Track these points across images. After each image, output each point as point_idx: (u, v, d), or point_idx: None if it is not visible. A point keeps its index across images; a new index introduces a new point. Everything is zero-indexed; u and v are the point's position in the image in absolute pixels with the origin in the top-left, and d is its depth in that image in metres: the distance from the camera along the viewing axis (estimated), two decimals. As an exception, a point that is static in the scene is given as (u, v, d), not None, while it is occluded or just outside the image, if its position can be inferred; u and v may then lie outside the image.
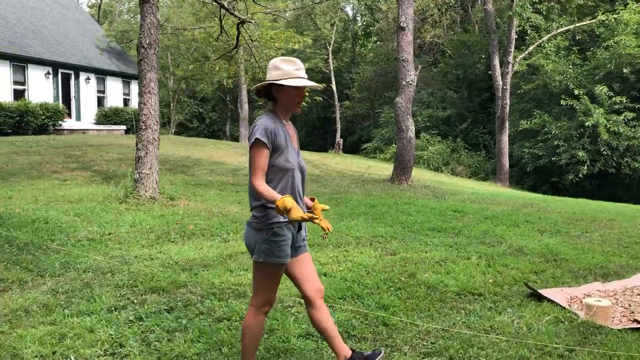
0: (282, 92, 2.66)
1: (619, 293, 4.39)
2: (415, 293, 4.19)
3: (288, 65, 2.67)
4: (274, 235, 2.56)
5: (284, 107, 2.69)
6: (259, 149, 2.54)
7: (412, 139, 12.50)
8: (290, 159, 2.64)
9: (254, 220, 2.61)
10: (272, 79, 2.65)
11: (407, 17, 12.22)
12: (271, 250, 2.57)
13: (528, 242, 6.47)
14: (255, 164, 2.55)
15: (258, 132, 2.54)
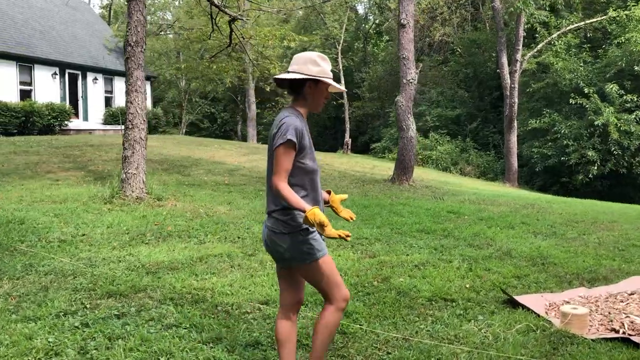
0: (316, 90, 2.57)
1: (601, 300, 4.16)
2: (383, 299, 4.00)
3: (326, 63, 2.58)
4: (308, 233, 2.46)
5: (310, 105, 2.59)
6: (288, 149, 2.42)
7: (412, 139, 12.26)
8: (314, 160, 2.57)
9: (281, 225, 2.47)
10: (313, 75, 2.53)
11: (407, 14, 12.00)
12: (313, 247, 2.46)
13: (519, 244, 6.24)
14: (281, 165, 2.42)
15: (290, 133, 2.42)
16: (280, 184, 2.39)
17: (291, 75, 2.55)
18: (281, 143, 2.41)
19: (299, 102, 2.58)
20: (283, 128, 2.42)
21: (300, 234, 2.44)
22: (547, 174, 19.51)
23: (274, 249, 2.51)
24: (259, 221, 6.79)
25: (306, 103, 2.58)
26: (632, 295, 4.27)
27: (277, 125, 2.47)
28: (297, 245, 2.43)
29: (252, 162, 14.08)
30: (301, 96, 2.57)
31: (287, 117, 2.46)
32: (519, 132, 20.07)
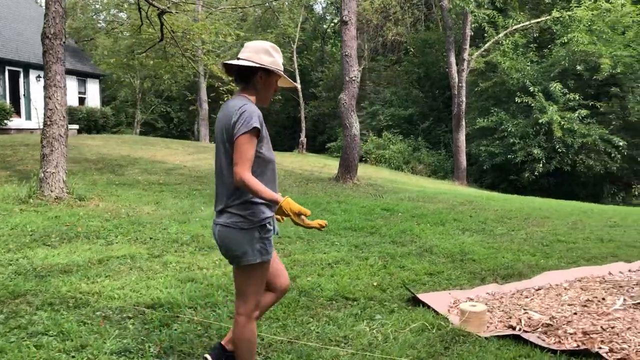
0: (267, 81, 2.48)
1: (507, 296, 4.07)
2: (282, 299, 3.81)
3: (278, 55, 2.50)
4: (267, 232, 2.37)
5: (260, 96, 2.48)
6: (252, 138, 2.30)
7: (356, 137, 12.16)
8: (271, 149, 2.46)
9: (239, 220, 2.34)
10: (266, 65, 2.43)
11: (349, 11, 11.88)
12: (265, 249, 2.37)
13: (443, 241, 6.16)
14: (245, 154, 2.27)
15: (254, 120, 2.29)
16: (245, 175, 2.25)
17: (244, 63, 2.43)
18: (245, 132, 2.27)
19: (249, 92, 2.46)
20: (246, 116, 2.29)
21: (258, 231, 2.34)
22: (496, 171, 19.74)
23: (228, 246, 2.37)
24: (180, 221, 6.53)
25: (255, 93, 2.47)
26: (538, 291, 4.20)
27: (236, 113, 2.31)
28: (252, 241, 2.32)
29: (195, 161, 13.75)
30: (250, 85, 2.46)
31: (246, 105, 2.33)
32: (468, 130, 20.25)
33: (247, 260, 2.34)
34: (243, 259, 2.35)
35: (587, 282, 4.49)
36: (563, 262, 5.46)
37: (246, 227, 2.32)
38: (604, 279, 4.63)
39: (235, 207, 2.34)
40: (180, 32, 11.47)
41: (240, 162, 2.26)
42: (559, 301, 3.90)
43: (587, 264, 5.44)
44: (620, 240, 6.80)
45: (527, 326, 3.42)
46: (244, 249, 2.33)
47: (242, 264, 2.37)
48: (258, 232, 2.33)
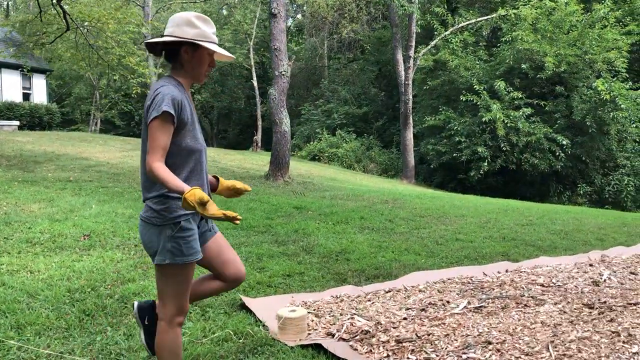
0: (195, 55, 2.21)
1: (348, 299, 3.76)
2: (97, 305, 3.42)
3: (205, 25, 2.22)
4: (181, 231, 2.14)
5: (191, 74, 2.23)
6: (164, 123, 2.07)
7: (286, 133, 11.80)
8: (198, 138, 2.23)
9: (153, 215, 2.15)
10: (188, 37, 2.17)
11: (278, 4, 11.52)
12: (179, 249, 2.14)
13: (331, 240, 5.85)
14: (156, 141, 2.06)
15: (165, 104, 2.06)
16: (154, 164, 2.04)
17: (165, 39, 2.19)
18: (155, 116, 2.06)
19: (177, 71, 2.23)
20: (158, 99, 2.07)
21: (171, 229, 2.13)
22: (445, 170, 19.63)
23: (144, 241, 2.21)
24: (55, 219, 6.09)
25: (185, 72, 2.22)
26: (388, 293, 3.91)
27: (150, 97, 2.11)
28: (163, 240, 2.13)
29: (124, 158, 13.25)
30: (178, 64, 2.22)
31: (163, 87, 2.11)
32: (418, 129, 20.11)
33: (158, 259, 2.16)
34: (155, 257, 2.17)
35: (450, 284, 4.22)
36: (445, 261, 5.19)
37: (158, 223, 2.13)
38: (471, 280, 4.36)
39: (152, 200, 2.15)
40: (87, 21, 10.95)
41: (150, 150, 2.06)
42: (401, 304, 3.61)
43: (470, 263, 5.19)
44: (522, 239, 6.60)
45: (347, 333, 3.11)
46: (155, 247, 2.16)
47: (155, 262, 2.19)
48: (171, 230, 2.12)
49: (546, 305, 3.58)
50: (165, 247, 2.13)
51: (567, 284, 4.18)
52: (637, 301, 3.67)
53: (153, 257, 2.20)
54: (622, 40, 16.78)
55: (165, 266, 2.17)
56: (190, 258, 2.17)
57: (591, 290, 4.01)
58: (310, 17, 26.57)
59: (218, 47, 2.25)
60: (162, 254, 2.14)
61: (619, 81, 16.56)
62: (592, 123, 16.29)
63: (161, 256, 2.15)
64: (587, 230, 7.60)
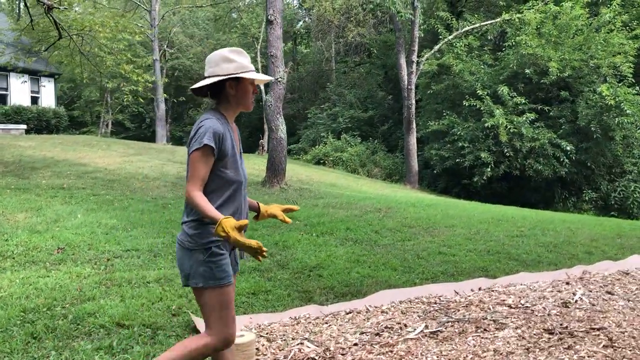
0: (239, 87, 2.34)
1: (305, 321, 3.70)
2: (39, 330, 3.39)
3: (241, 56, 2.35)
4: (212, 256, 2.24)
5: (237, 105, 2.36)
6: (204, 155, 2.21)
7: (282, 140, 11.78)
8: (239, 169, 2.35)
9: (187, 238, 2.26)
10: (229, 73, 2.29)
11: (275, 10, 11.51)
12: (211, 272, 2.23)
13: (309, 254, 5.80)
14: (195, 171, 2.20)
15: (207, 137, 2.20)
16: (193, 192, 2.18)
17: (207, 81, 2.31)
18: (197, 148, 2.20)
19: (223, 104, 2.36)
20: (200, 132, 2.21)
21: (202, 253, 2.23)
22: (449, 175, 19.47)
23: (178, 263, 2.31)
24: (35, 230, 6.11)
25: (231, 105, 2.35)
26: (348, 314, 3.84)
27: (195, 129, 2.26)
28: (195, 264, 2.23)
29: (124, 163, 13.30)
30: (223, 98, 2.35)
31: (206, 120, 2.25)
32: (422, 133, 19.98)
33: (192, 282, 2.26)
34: (188, 280, 2.27)
35: (416, 304, 4.15)
36: (420, 277, 5.12)
37: (190, 247, 2.24)
38: (440, 299, 4.28)
39: (187, 224, 2.27)
40: (77, 29, 10.97)
41: (190, 179, 2.20)
42: (357, 328, 3.54)
43: (447, 279, 5.11)
44: (507, 252, 6.49)
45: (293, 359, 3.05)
46: (187, 270, 2.26)
47: (189, 285, 2.29)
48: (202, 255, 2.23)
49: (506, 329, 3.50)
50: (197, 271, 2.23)
51: (536, 305, 4.08)
52: (601, 326, 3.57)
53: (186, 280, 2.28)
54: (629, 45, 16.52)
55: (201, 290, 2.25)
56: (223, 281, 2.25)
57: (559, 312, 3.92)
58: (317, 20, 26.52)
59: (257, 73, 2.34)
60: (195, 277, 2.24)
61: (626, 86, 16.31)
62: (597, 129, 16.06)
63: (194, 279, 2.24)
64: (577, 242, 7.46)
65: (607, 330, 3.50)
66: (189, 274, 2.25)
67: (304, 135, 26.96)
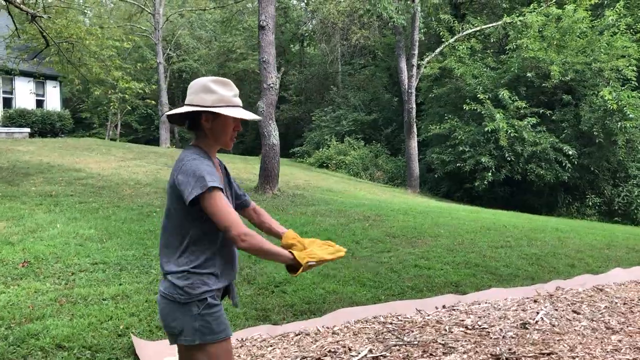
0: (217, 122, 2.11)
1: (250, 344, 3.64)
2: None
3: (223, 88, 2.11)
4: (208, 308, 2.01)
5: (215, 141, 2.13)
6: (217, 194, 1.96)
7: (275, 146, 11.72)
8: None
9: (177, 291, 2.00)
10: (206, 105, 2.07)
11: (267, 16, 11.46)
12: (208, 327, 2.00)
13: (281, 268, 5.69)
14: (224, 213, 1.95)
15: (208, 178, 1.95)
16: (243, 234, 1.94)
17: (180, 110, 2.10)
18: (201, 193, 1.94)
19: (200, 139, 2.13)
20: (197, 176, 1.95)
21: (197, 306, 2.00)
22: (452, 180, 19.31)
23: (164, 319, 2.05)
24: (9, 242, 6.11)
25: (209, 139, 2.13)
26: (297, 336, 3.77)
27: (181, 171, 2.00)
28: (189, 319, 1.99)
29: (120, 169, 13.34)
30: (202, 132, 2.12)
31: (192, 161, 2.01)
32: (423, 137, 19.84)
33: (185, 339, 2.01)
34: (180, 337, 2.02)
35: (372, 324, 4.07)
36: (387, 293, 5.04)
37: (183, 300, 2.00)
38: (398, 318, 4.20)
39: (176, 275, 2.02)
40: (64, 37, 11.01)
41: (228, 223, 1.93)
42: (300, 352, 3.47)
43: (414, 296, 5.03)
44: (486, 265, 6.38)
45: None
46: (180, 326, 2.00)
47: (179, 342, 2.04)
48: (197, 307, 1.99)
49: (453, 354, 3.41)
50: (193, 327, 2.00)
51: (494, 327, 3.98)
52: (553, 350, 3.47)
53: (176, 337, 2.04)
54: (633, 48, 16.25)
55: (197, 347, 2.02)
56: (221, 335, 2.04)
57: (515, 334, 3.81)
58: (321, 23, 26.46)
59: (241, 110, 2.13)
60: (190, 334, 2.01)
61: (630, 90, 16.05)
62: (599, 133, 15.82)
63: (190, 337, 2.01)
64: (562, 254, 7.32)
65: (558, 355, 3.40)
66: (181, 330, 2.01)
67: (308, 138, 26.91)
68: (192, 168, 1.98)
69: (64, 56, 11.37)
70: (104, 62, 13.19)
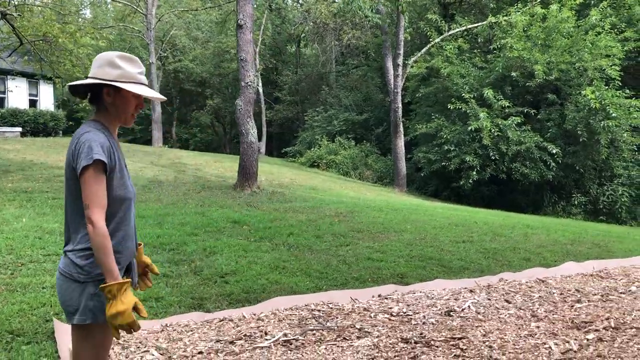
0: (118, 97, 2.10)
1: (182, 326, 3.73)
2: None
3: (129, 64, 2.12)
4: None
5: (115, 116, 2.12)
6: (99, 173, 1.95)
7: (253, 144, 11.82)
8: (127, 185, 2.11)
9: (76, 270, 1.99)
10: (109, 79, 2.07)
11: (245, 15, 11.57)
12: (102, 308, 1.97)
13: (233, 259, 5.83)
14: (94, 194, 1.94)
15: (95, 151, 1.94)
16: (100, 224, 1.93)
17: (82, 82, 2.09)
18: (87, 165, 1.93)
19: (102, 114, 2.12)
20: (86, 146, 1.95)
21: (94, 285, 1.98)
22: (439, 179, 19.37)
23: (61, 297, 2.04)
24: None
25: (110, 114, 2.11)
26: (221, 322, 3.86)
27: (75, 143, 2.01)
28: (85, 297, 1.98)
29: (102, 167, 13.44)
30: (103, 106, 2.11)
31: (87, 133, 2.00)
32: (412, 136, 19.90)
33: (78, 319, 2.00)
34: (74, 316, 2.01)
35: (301, 311, 4.16)
36: (329, 284, 5.12)
37: (81, 279, 1.98)
38: (329, 306, 4.29)
39: (76, 253, 2.01)
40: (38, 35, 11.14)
41: (91, 205, 1.93)
42: (219, 335, 3.56)
43: (359, 286, 5.11)
44: (440, 258, 6.47)
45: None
46: (75, 305, 2.00)
47: (72, 322, 2.04)
48: (94, 287, 1.98)
49: (365, 338, 3.49)
50: (87, 306, 1.98)
51: (418, 314, 4.07)
52: (465, 335, 3.55)
53: (71, 315, 2.03)
54: (617, 47, 16.30)
55: (85, 327, 2.02)
56: None
57: (435, 321, 3.90)
58: (313, 23, 26.56)
59: (144, 87, 2.13)
60: (83, 313, 1.99)
61: (614, 89, 16.10)
62: (583, 132, 15.87)
63: (82, 316, 1.99)
64: (523, 248, 7.40)
65: (469, 339, 3.48)
66: (77, 309, 1.99)
67: (300, 138, 27.03)
68: (85, 140, 1.98)
69: (37, 55, 11.48)
70: (81, 59, 13.30)
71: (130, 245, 2.14)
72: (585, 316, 4.10)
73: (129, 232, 2.12)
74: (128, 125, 2.18)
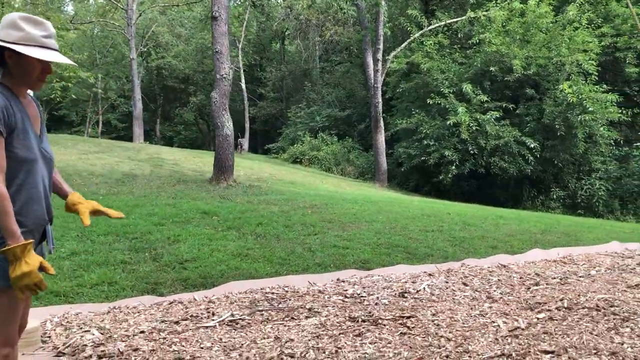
0: (20, 61, 1.99)
1: (129, 309, 3.68)
2: None
3: (33, 27, 2.00)
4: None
5: (20, 80, 2.01)
6: None
7: (228, 137, 11.75)
8: (31, 147, 2.00)
9: None
10: (8, 41, 1.96)
11: (219, 7, 11.50)
12: (5, 273, 1.90)
13: (196, 247, 5.76)
14: None
15: None
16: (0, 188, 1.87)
17: None
18: None
19: (6, 77, 2.01)
20: None
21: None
22: (419, 174, 19.41)
23: None
24: None
25: (14, 77, 2.01)
26: (170, 304, 3.81)
27: None
28: None
29: (79, 161, 13.32)
30: (7, 69, 2.01)
31: None
32: (393, 132, 19.94)
33: None
34: None
35: (255, 294, 4.12)
36: (289, 270, 5.09)
37: None
38: (284, 289, 4.26)
39: None
40: None
41: None
42: (166, 316, 3.51)
43: (321, 271, 5.09)
44: (406, 246, 6.46)
45: (70, 347, 3.03)
46: None
47: None
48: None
49: (314, 318, 3.47)
50: None
51: (372, 295, 4.05)
52: (414, 314, 3.53)
53: None
54: (594, 42, 16.44)
55: None
56: None
57: (388, 302, 3.88)
58: (295, 20, 26.53)
59: (48, 51, 2.01)
60: None
61: (591, 84, 16.23)
62: (561, 126, 15.99)
63: None
64: (491, 237, 7.42)
65: (417, 318, 3.47)
66: None
67: (283, 134, 26.99)
68: None
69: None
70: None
71: (38, 209, 2.05)
72: (540, 297, 4.10)
73: (35, 196, 2.04)
74: (36, 90, 2.10)
